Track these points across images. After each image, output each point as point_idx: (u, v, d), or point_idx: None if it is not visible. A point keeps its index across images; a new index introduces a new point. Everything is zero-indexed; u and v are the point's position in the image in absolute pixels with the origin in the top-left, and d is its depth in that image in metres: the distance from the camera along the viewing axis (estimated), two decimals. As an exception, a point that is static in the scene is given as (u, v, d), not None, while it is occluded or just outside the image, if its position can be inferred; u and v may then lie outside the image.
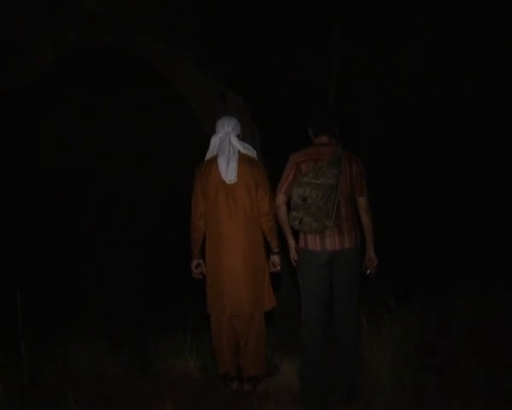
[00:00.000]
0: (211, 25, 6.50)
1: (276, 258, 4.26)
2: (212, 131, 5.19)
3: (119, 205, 9.36)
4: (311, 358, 3.88)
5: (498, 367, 4.02)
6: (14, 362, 3.81)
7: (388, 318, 4.53)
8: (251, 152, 4.26)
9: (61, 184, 8.69)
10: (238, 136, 4.25)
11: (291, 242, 3.96)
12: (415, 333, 4.60)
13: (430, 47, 7.35)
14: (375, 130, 8.71)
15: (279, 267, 4.29)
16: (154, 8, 5.79)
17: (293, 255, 3.95)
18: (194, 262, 4.28)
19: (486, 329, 4.80)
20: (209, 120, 5.81)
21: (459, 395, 3.54)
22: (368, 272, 4.01)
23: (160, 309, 7.19)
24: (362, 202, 3.97)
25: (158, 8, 5.82)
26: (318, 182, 3.74)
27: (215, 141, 4.23)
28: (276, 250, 4.25)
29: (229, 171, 4.07)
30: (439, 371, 4.16)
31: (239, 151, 4.17)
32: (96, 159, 8.66)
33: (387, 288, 4.54)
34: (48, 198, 8.76)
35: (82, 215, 9.51)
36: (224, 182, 4.10)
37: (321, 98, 6.98)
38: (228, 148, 4.11)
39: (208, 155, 4.26)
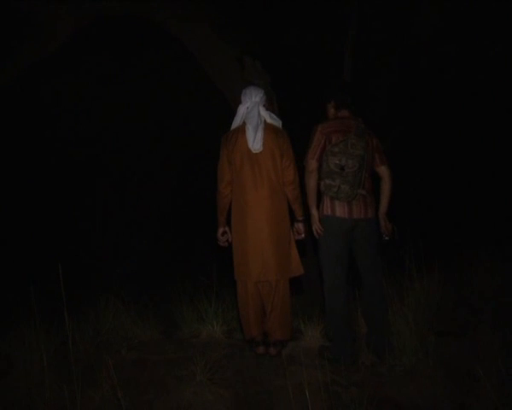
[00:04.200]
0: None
1: (300, 226, 4.36)
2: (230, 96, 5.21)
3: (137, 171, 9.40)
4: (339, 320, 4.04)
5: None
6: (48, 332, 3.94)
7: (410, 284, 4.62)
8: (276, 122, 4.31)
9: (78, 151, 8.73)
10: (264, 106, 4.28)
11: (315, 213, 4.08)
12: (435, 299, 4.69)
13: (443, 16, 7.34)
14: (389, 98, 8.67)
15: (303, 235, 4.39)
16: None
17: (318, 226, 4.06)
18: (221, 230, 4.36)
19: (504, 293, 4.90)
20: (227, 85, 5.84)
21: (480, 357, 3.62)
22: (385, 237, 4.20)
23: (183, 275, 7.28)
24: (384, 170, 4.15)
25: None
26: (352, 152, 3.87)
27: (242, 111, 4.25)
28: (300, 218, 4.34)
29: (255, 140, 4.13)
30: (461, 336, 4.25)
31: (265, 121, 4.22)
32: (113, 126, 8.68)
33: (408, 255, 4.60)
34: (65, 166, 8.82)
35: (99, 182, 9.56)
36: (249, 151, 4.16)
37: (338, 71, 6.98)
38: (257, 118, 4.15)
39: (234, 125, 4.31)
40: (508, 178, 8.90)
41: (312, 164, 4.03)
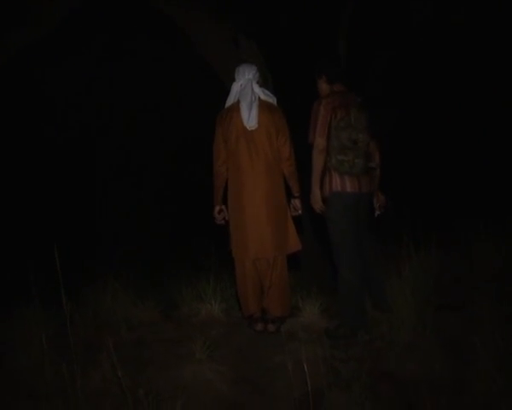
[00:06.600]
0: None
1: (297, 202, 4.36)
2: (226, 77, 5.18)
3: (135, 153, 9.40)
4: (360, 297, 4.08)
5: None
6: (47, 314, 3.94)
7: (407, 259, 4.62)
8: (271, 98, 4.29)
9: (75, 134, 8.72)
10: (258, 82, 4.26)
11: (318, 192, 4.00)
12: (433, 273, 4.69)
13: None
14: (385, 72, 8.65)
15: (300, 211, 4.40)
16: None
17: (322, 205, 4.02)
18: (217, 208, 4.36)
19: (502, 268, 4.90)
20: (222, 66, 5.80)
21: (479, 331, 3.63)
22: (378, 212, 4.30)
23: (181, 255, 7.30)
24: (375, 144, 4.19)
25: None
26: (358, 126, 3.89)
27: (236, 88, 4.24)
28: (297, 194, 4.35)
29: (250, 117, 4.11)
30: (458, 310, 4.26)
31: (259, 98, 4.20)
32: (109, 112, 8.66)
33: (406, 230, 4.61)
34: (63, 151, 8.82)
35: (97, 164, 9.55)
36: (244, 128, 4.14)
37: (331, 47, 6.94)
38: (250, 95, 4.13)
39: (228, 103, 4.29)
40: (510, 153, 8.88)
41: (322, 142, 3.91)
